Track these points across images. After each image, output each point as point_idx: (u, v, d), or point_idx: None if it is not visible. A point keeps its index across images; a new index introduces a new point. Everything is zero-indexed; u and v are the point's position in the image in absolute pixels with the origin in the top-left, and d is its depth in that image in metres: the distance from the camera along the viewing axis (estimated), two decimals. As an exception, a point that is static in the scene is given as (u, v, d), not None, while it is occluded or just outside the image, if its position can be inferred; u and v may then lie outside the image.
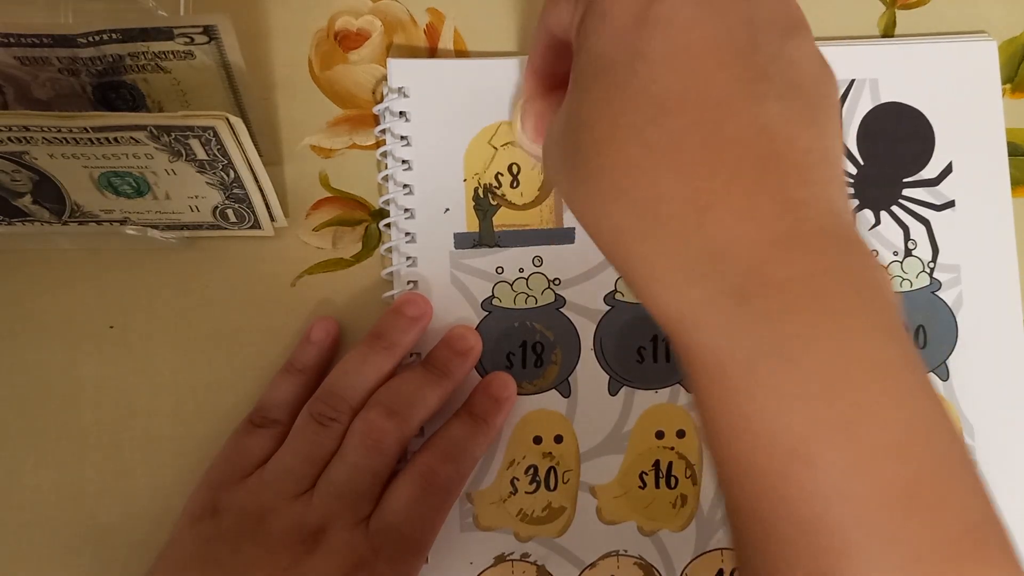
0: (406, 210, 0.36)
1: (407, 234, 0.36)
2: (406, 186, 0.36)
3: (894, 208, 0.37)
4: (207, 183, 0.33)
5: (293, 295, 0.36)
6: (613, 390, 0.36)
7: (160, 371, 0.36)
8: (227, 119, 0.30)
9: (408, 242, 0.36)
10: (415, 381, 0.34)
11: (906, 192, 0.37)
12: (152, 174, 0.32)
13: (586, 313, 0.36)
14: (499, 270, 0.36)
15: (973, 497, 0.22)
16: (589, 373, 0.36)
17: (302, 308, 0.36)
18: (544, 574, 0.36)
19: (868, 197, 0.37)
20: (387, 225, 0.37)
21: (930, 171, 0.37)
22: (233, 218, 0.35)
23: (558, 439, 0.36)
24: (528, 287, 0.36)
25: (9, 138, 0.30)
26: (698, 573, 0.36)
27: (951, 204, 0.37)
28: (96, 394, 0.36)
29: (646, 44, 0.22)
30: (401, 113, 0.36)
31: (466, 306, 0.36)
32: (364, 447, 0.32)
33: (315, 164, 0.37)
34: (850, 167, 0.37)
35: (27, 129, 0.30)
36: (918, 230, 0.37)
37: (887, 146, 0.37)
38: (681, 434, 0.36)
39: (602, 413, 0.36)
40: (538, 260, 0.36)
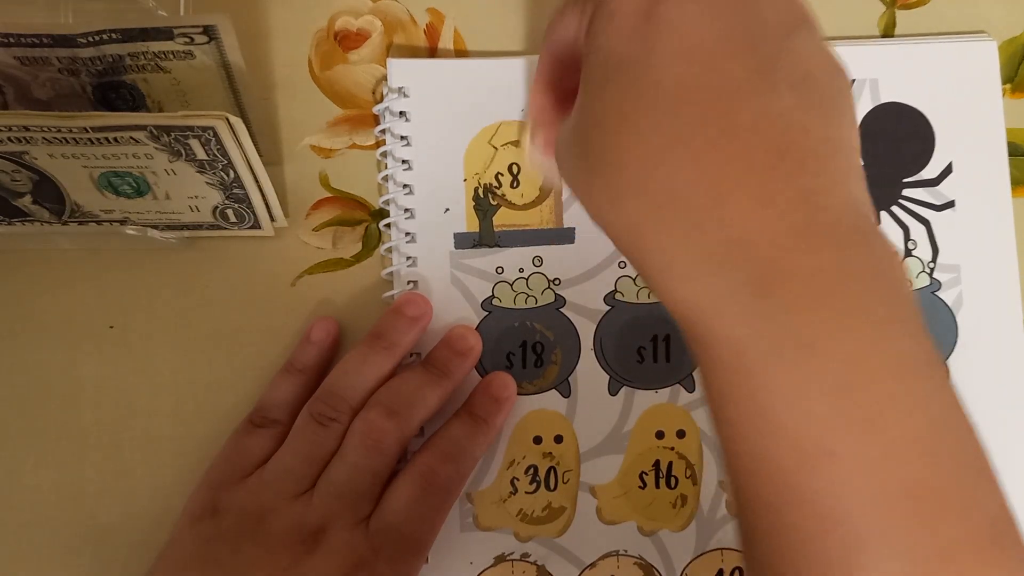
0: (406, 210, 0.36)
1: (407, 234, 0.36)
2: (406, 186, 0.36)
3: (894, 208, 0.37)
4: (207, 183, 0.33)
5: (293, 295, 0.36)
6: (613, 390, 0.36)
7: (160, 371, 0.36)
8: (227, 119, 0.30)
9: (408, 242, 0.36)
10: (415, 381, 0.34)
11: (906, 192, 0.37)
12: (152, 174, 0.32)
13: (586, 313, 0.36)
14: (499, 270, 0.36)
15: (991, 494, 0.22)
16: (589, 373, 0.36)
17: (302, 308, 0.36)
18: (544, 574, 0.36)
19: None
20: (387, 225, 0.37)
21: (930, 171, 0.37)
22: (233, 218, 0.35)
23: (558, 439, 0.36)
24: (528, 287, 0.36)
25: (9, 138, 0.30)
26: (698, 573, 0.36)
27: (951, 204, 0.37)
28: (96, 394, 0.36)
29: (656, 39, 0.23)
30: (401, 113, 0.36)
31: (466, 306, 0.36)
32: (364, 447, 0.32)
33: (315, 164, 0.37)
34: (850, 167, 0.37)
35: (27, 129, 0.30)
36: (918, 230, 0.37)
37: (887, 146, 0.37)
38: (681, 434, 0.36)
39: (602, 413, 0.36)
40: (538, 260, 0.36)
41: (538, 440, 0.36)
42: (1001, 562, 0.21)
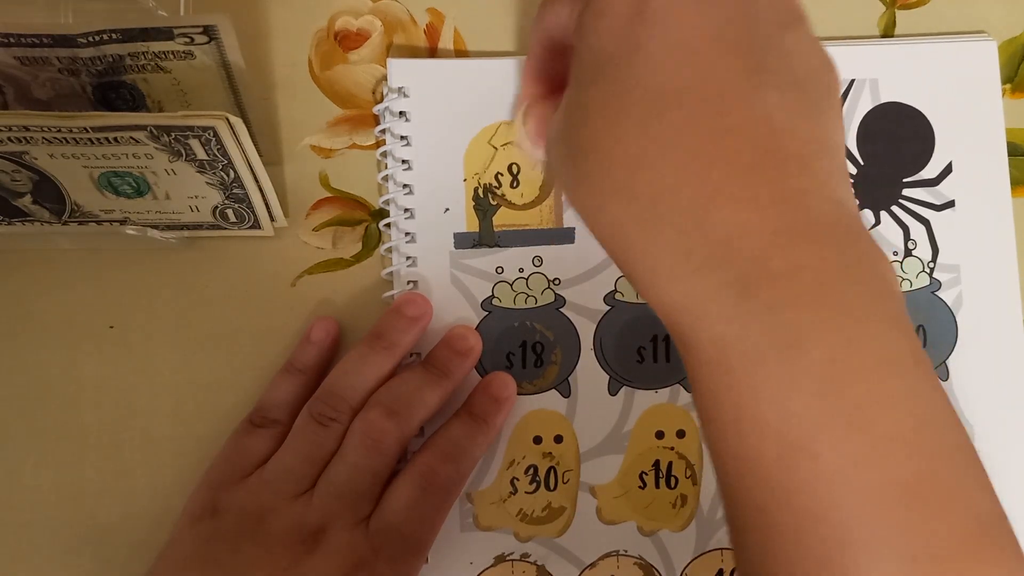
0: (406, 210, 0.36)
1: (407, 234, 0.36)
2: (406, 186, 0.36)
3: (894, 208, 0.37)
4: (207, 183, 0.33)
5: (293, 295, 0.36)
6: (613, 390, 0.36)
7: (160, 371, 0.36)
8: (227, 119, 0.30)
9: (408, 242, 0.36)
10: (415, 381, 0.34)
11: (906, 192, 0.37)
12: (152, 174, 0.32)
13: (586, 313, 0.36)
14: (499, 270, 0.36)
15: (980, 492, 0.21)
16: (589, 373, 0.36)
17: (302, 308, 0.36)
18: (544, 574, 0.36)
19: (868, 197, 0.37)
20: (387, 225, 0.37)
21: (930, 171, 0.37)
22: (233, 218, 0.35)
23: (558, 439, 0.36)
24: (528, 287, 0.36)
25: (9, 138, 0.30)
26: (698, 573, 0.36)
27: (951, 204, 0.37)
28: (96, 394, 0.36)
29: (644, 38, 0.23)
30: (401, 113, 0.36)
31: (466, 306, 0.36)
32: (364, 447, 0.32)
33: (315, 164, 0.37)
34: (850, 167, 0.37)
35: (27, 129, 0.30)
36: (918, 230, 0.37)
37: (887, 146, 0.37)
38: (681, 434, 0.36)
39: (602, 413, 0.36)
40: (538, 260, 0.36)
41: (538, 440, 0.36)
42: (990, 558, 0.21)
